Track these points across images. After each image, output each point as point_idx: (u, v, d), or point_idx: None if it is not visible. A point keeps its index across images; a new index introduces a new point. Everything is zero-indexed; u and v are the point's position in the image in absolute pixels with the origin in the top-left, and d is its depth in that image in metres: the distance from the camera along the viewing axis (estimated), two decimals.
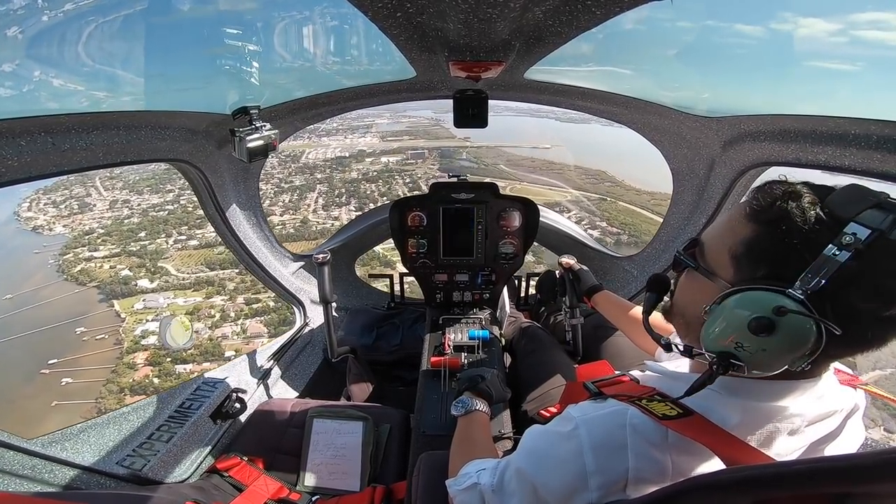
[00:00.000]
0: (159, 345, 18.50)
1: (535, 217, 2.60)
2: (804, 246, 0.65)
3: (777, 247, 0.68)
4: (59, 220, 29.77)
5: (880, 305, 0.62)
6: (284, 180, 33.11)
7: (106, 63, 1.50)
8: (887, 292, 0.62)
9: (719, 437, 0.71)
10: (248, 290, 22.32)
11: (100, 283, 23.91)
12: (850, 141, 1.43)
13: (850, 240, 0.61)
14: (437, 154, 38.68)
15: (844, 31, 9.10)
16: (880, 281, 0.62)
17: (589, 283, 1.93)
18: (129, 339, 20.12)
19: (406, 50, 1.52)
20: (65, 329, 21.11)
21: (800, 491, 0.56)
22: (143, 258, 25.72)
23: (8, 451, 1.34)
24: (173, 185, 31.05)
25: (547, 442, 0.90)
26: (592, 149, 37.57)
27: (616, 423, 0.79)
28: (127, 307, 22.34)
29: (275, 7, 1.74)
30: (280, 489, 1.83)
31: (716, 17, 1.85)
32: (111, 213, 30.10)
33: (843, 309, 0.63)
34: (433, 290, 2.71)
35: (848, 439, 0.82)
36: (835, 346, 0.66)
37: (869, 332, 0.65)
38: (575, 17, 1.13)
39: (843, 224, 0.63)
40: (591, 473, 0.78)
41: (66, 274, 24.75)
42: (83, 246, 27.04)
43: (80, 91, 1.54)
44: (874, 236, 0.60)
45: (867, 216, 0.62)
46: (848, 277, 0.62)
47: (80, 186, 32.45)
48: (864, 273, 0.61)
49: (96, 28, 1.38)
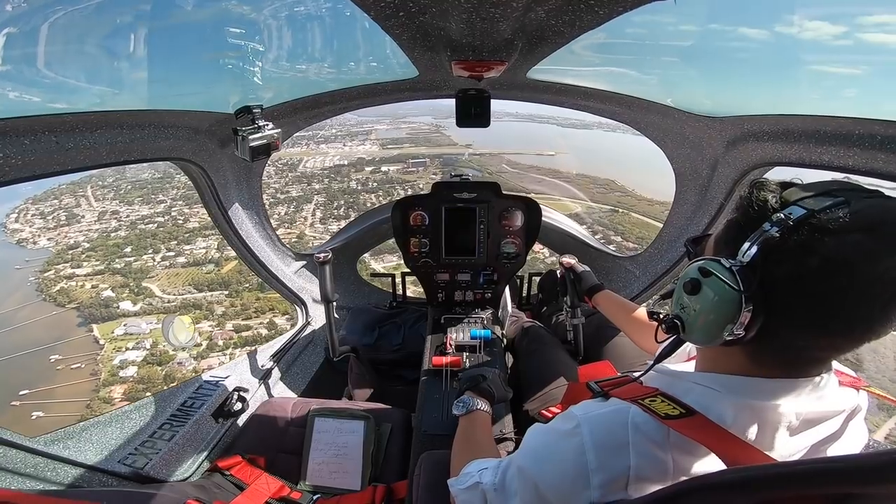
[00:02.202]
0: (138, 378, 17.65)
1: (537, 216, 2.59)
2: (747, 224, 0.72)
3: (733, 227, 0.76)
4: (44, 232, 28.01)
5: (802, 281, 0.65)
6: (280, 190, 31.44)
7: (110, 62, 1.51)
8: (806, 268, 0.64)
9: (721, 437, 0.71)
10: (238, 316, 20.98)
11: (79, 304, 22.16)
12: (854, 141, 1.43)
13: (781, 217, 0.66)
14: (440, 162, 37.54)
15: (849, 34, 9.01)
16: (800, 257, 0.65)
17: (590, 282, 1.93)
18: (107, 370, 18.44)
19: (408, 49, 1.52)
20: (40, 356, 19.29)
21: (802, 491, 0.56)
22: (127, 277, 24.07)
23: (10, 449, 1.34)
24: (165, 195, 29.83)
25: (549, 440, 0.90)
26: (598, 156, 36.07)
27: (618, 421, 0.80)
28: (106, 332, 20.56)
29: (278, 7, 1.74)
30: (281, 488, 1.83)
31: (719, 19, 1.84)
32: (99, 224, 28.60)
33: (770, 282, 0.67)
34: (435, 289, 2.71)
35: (850, 440, 0.82)
36: (786, 327, 0.69)
37: (804, 311, 0.67)
38: (577, 16, 1.12)
39: (786, 206, 0.68)
40: (593, 471, 0.78)
41: (44, 293, 22.98)
42: (66, 262, 25.29)
43: (83, 90, 1.54)
44: (805, 215, 0.65)
45: (811, 200, 0.66)
46: (771, 250, 0.67)
47: (70, 196, 31.04)
48: (785, 247, 0.65)
49: (100, 27, 1.39)
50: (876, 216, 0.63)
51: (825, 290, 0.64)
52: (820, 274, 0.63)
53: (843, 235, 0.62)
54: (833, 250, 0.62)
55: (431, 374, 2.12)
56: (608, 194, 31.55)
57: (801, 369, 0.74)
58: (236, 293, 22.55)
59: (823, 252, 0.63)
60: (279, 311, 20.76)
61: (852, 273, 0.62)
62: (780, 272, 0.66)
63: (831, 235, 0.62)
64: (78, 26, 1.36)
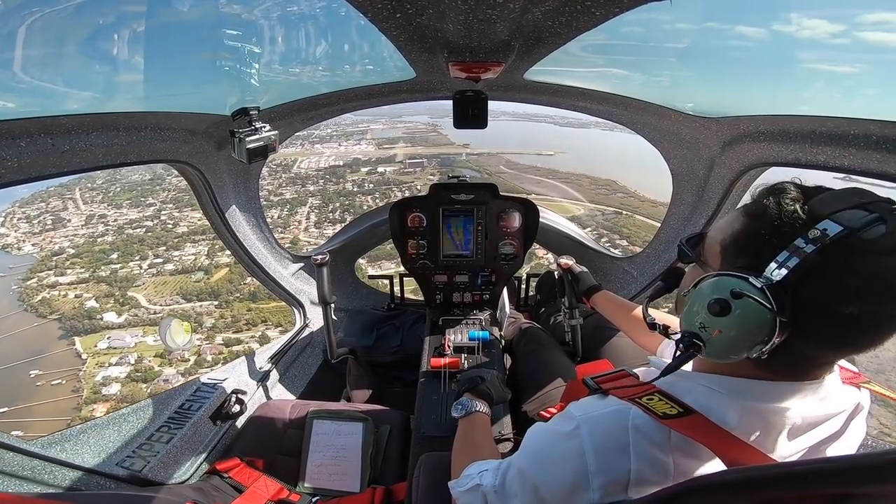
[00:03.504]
0: (121, 396, 16.97)
1: (534, 218, 2.60)
2: (777, 238, 0.67)
3: (754, 238, 0.71)
4: (29, 237, 27.35)
5: (838, 302, 0.63)
6: (274, 192, 30.63)
7: (106, 64, 1.50)
8: (844, 289, 0.62)
9: (720, 437, 0.71)
10: (229, 329, 20.00)
11: (61, 315, 21.23)
12: (850, 141, 1.43)
13: (817, 234, 0.62)
14: (437, 162, 36.95)
15: (848, 33, 9.00)
16: (839, 277, 0.62)
17: (588, 283, 1.93)
18: (89, 387, 17.62)
19: (406, 51, 1.52)
20: (19, 370, 18.44)
21: (803, 492, 0.56)
22: (112, 285, 23.10)
23: (7, 451, 1.34)
24: (155, 197, 28.79)
25: (548, 442, 0.90)
26: (597, 155, 34.99)
27: (618, 423, 0.79)
28: (89, 346, 19.72)
29: (275, 8, 1.74)
30: (280, 490, 1.83)
31: (716, 19, 1.85)
32: (86, 229, 27.80)
33: (802, 302, 0.64)
34: (433, 291, 2.71)
35: (850, 439, 0.82)
36: (807, 344, 0.68)
37: (833, 330, 0.65)
38: (574, 18, 1.13)
39: (819, 220, 0.64)
40: (593, 474, 0.77)
41: (26, 304, 22.10)
42: (49, 269, 24.45)
43: (79, 92, 1.54)
44: (843, 233, 0.61)
45: (845, 215, 0.62)
46: (808, 270, 0.63)
47: (57, 199, 30.08)
48: (824, 267, 0.62)
49: (96, 29, 1.38)
50: None
51: (860, 313, 0.62)
52: (858, 296, 0.61)
53: (884, 257, 0.61)
54: (873, 272, 0.61)
55: (430, 375, 2.12)
56: (610, 195, 30.85)
57: (808, 374, 0.74)
58: (226, 303, 21.73)
59: (864, 274, 0.61)
60: (272, 324, 20.15)
61: (892, 295, 0.61)
62: (815, 292, 0.64)
63: (872, 256, 0.61)
64: (74, 27, 1.35)
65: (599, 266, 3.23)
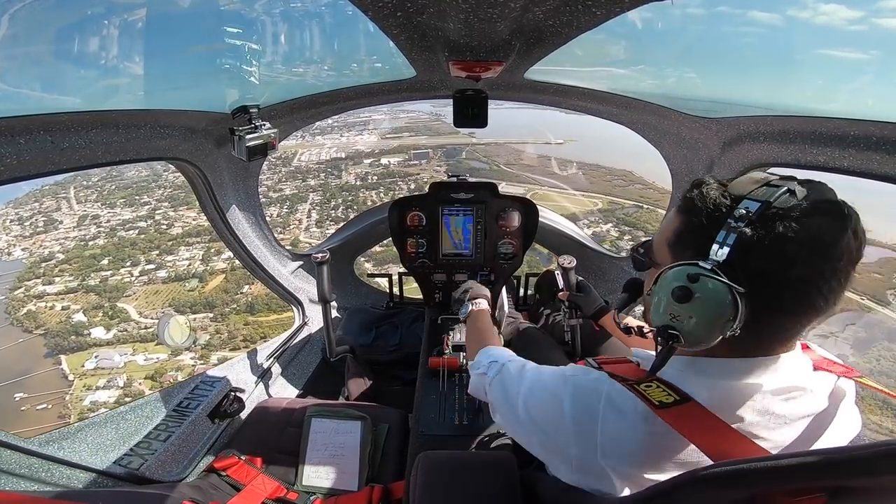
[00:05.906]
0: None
1: (534, 217, 2.60)
2: (711, 223, 0.75)
3: (692, 229, 0.80)
4: (20, 241, 26.02)
5: (784, 266, 0.70)
6: (273, 188, 29.14)
7: (105, 61, 1.50)
8: (782, 253, 0.69)
9: (711, 427, 0.74)
10: (225, 346, 18.75)
11: (47, 330, 19.90)
12: (850, 142, 1.43)
13: (742, 213, 0.72)
14: (442, 153, 35.45)
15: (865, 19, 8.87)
16: (774, 245, 0.69)
17: (595, 305, 1.96)
18: (76, 413, 16.49)
19: (406, 49, 1.52)
20: (4, 393, 17.25)
21: (795, 484, 0.56)
22: (101, 296, 21.75)
23: (4, 449, 1.33)
24: (150, 195, 27.66)
25: (545, 385, 1.02)
26: (608, 144, 31.16)
27: (595, 393, 0.88)
28: (76, 366, 18.39)
29: (275, 6, 1.73)
30: (278, 488, 1.83)
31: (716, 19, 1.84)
32: (77, 231, 26.45)
33: (752, 273, 0.71)
34: (432, 289, 2.71)
35: (844, 423, 0.85)
36: (765, 313, 0.73)
37: (785, 294, 0.72)
38: (575, 17, 1.12)
39: (739, 201, 0.74)
40: (571, 435, 0.89)
41: (11, 317, 20.71)
42: (38, 277, 23.20)
43: (79, 89, 1.53)
44: (762, 207, 0.71)
45: (758, 192, 0.73)
46: (748, 245, 0.71)
47: (51, 198, 28.87)
48: (760, 239, 0.70)
49: (95, 25, 1.38)
50: (821, 199, 0.71)
51: (807, 272, 0.69)
52: (799, 257, 0.68)
53: (807, 220, 0.68)
54: (803, 234, 0.68)
55: (429, 374, 2.12)
56: (628, 187, 29.25)
57: (776, 349, 0.80)
58: (222, 316, 20.59)
59: (796, 238, 0.68)
60: (271, 339, 19.19)
61: (827, 252, 0.68)
62: (761, 262, 0.71)
63: (797, 222, 0.68)
64: (74, 24, 1.35)
65: (598, 265, 3.23)
